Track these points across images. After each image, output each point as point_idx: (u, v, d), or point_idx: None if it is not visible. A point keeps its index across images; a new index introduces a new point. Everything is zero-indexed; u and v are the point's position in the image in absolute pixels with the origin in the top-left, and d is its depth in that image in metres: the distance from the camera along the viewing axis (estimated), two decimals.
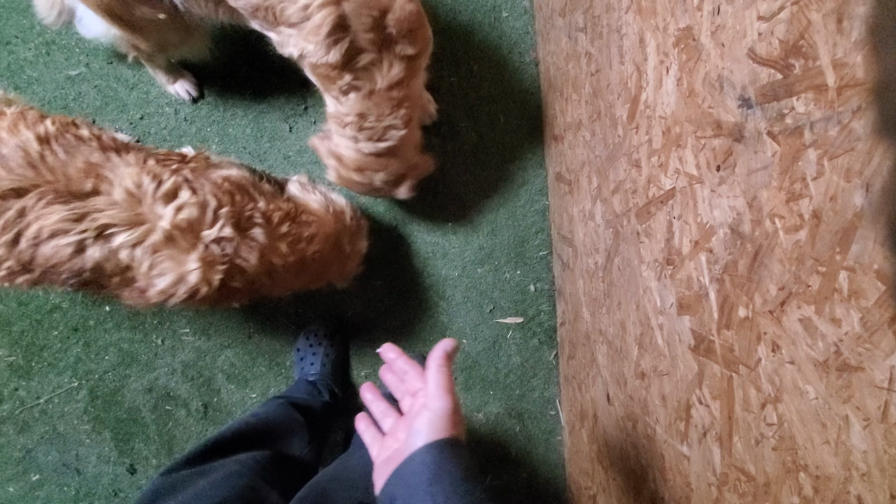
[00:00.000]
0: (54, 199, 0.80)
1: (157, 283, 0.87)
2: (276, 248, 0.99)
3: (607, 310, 1.11)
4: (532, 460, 1.55)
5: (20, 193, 0.80)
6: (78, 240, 0.81)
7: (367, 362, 1.53)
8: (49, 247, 0.81)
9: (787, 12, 0.52)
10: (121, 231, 0.83)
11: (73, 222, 0.81)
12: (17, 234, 0.81)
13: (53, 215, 0.80)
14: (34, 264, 0.83)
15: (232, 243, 0.91)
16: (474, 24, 1.57)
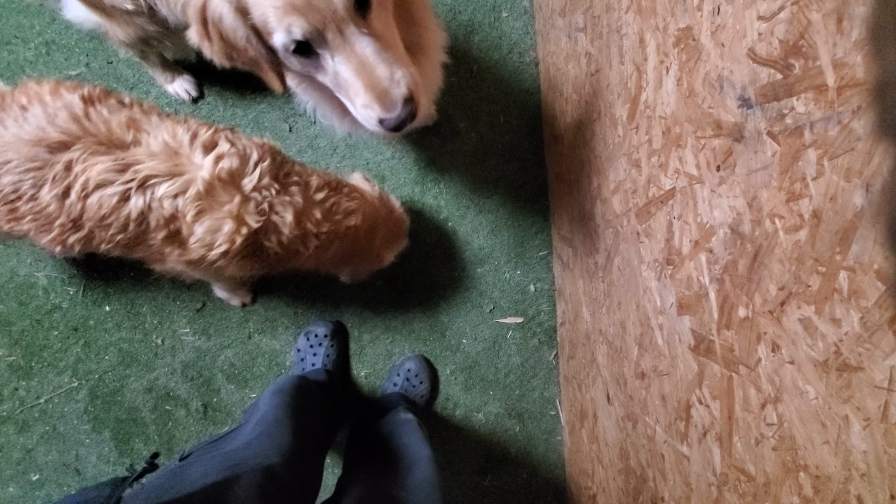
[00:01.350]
0: (98, 151, 0.82)
1: (197, 230, 0.87)
2: (310, 212, 0.98)
3: (607, 310, 1.11)
4: (532, 460, 1.55)
5: (67, 146, 0.82)
6: (122, 189, 0.83)
7: (367, 362, 1.53)
8: (96, 197, 0.83)
9: (787, 12, 0.52)
10: (162, 181, 0.84)
11: (116, 173, 0.83)
12: (67, 188, 0.83)
13: (98, 165, 0.82)
14: (84, 219, 0.85)
15: (270, 194, 0.91)
16: (474, 24, 1.57)
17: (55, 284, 1.46)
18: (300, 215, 0.96)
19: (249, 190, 0.90)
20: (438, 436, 1.53)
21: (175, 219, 0.87)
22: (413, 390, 1.46)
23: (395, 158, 1.55)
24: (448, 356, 1.55)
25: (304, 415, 1.04)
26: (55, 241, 0.89)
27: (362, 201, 1.10)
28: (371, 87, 0.73)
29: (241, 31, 0.73)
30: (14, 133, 0.82)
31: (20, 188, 0.83)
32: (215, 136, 0.90)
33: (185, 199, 0.85)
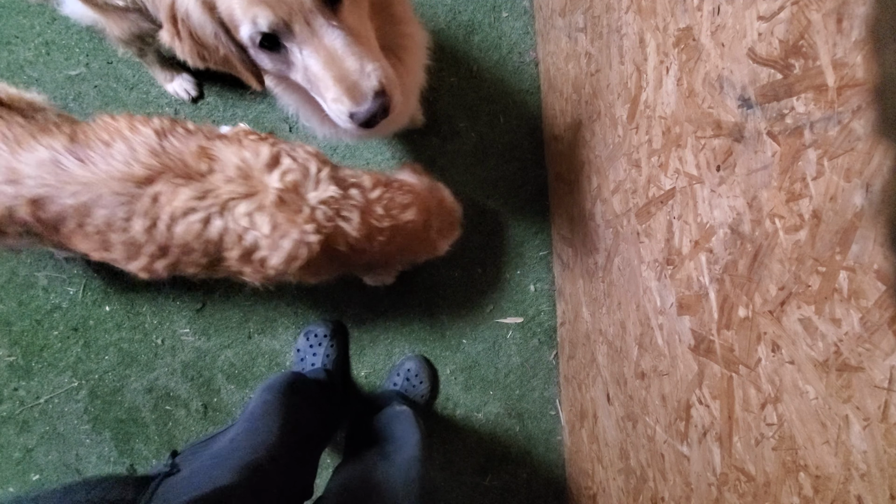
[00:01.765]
0: (179, 182, 0.88)
1: (272, 244, 0.93)
2: (371, 210, 1.02)
3: (607, 310, 1.11)
4: (532, 460, 1.55)
5: (151, 179, 0.88)
6: (205, 215, 0.89)
7: (367, 362, 1.53)
8: (182, 225, 0.89)
9: (787, 12, 0.52)
10: (239, 202, 0.90)
11: (198, 200, 0.89)
12: (155, 218, 0.89)
13: (182, 196, 0.88)
14: (170, 245, 0.91)
15: (335, 199, 0.96)
16: (474, 24, 1.57)
17: (55, 284, 1.46)
18: (364, 215, 1.00)
19: (315, 199, 0.95)
20: (438, 436, 1.53)
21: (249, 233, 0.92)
22: (413, 390, 1.46)
23: (395, 158, 1.55)
24: (448, 356, 1.55)
25: (294, 411, 1.04)
26: (143, 268, 0.95)
27: (414, 195, 1.12)
28: (340, 80, 0.72)
29: (209, 26, 0.72)
30: (104, 170, 0.87)
31: (112, 221, 0.89)
32: (275, 151, 0.95)
33: (260, 215, 0.91)
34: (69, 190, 0.87)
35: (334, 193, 0.96)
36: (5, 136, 0.89)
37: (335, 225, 0.96)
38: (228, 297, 1.50)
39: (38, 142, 0.89)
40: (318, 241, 0.94)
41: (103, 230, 0.90)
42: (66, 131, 0.91)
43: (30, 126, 0.91)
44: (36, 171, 0.87)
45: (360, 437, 1.26)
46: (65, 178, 0.87)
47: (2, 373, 1.46)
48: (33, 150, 0.88)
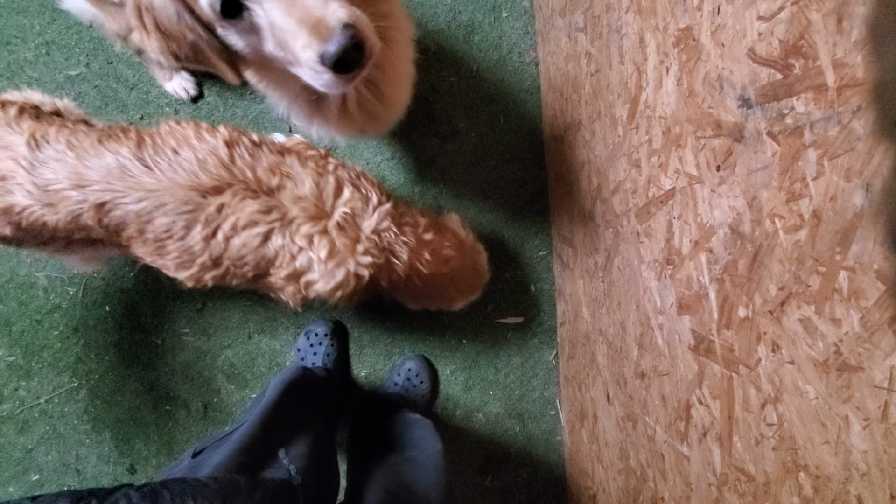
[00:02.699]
0: (247, 195, 0.89)
1: (324, 270, 0.94)
2: (420, 253, 1.03)
3: (607, 310, 1.11)
4: (532, 460, 1.55)
5: (219, 190, 0.88)
6: (266, 230, 0.90)
7: (367, 362, 1.53)
8: (241, 238, 0.90)
9: (787, 12, 0.52)
10: (302, 224, 0.91)
11: (263, 214, 0.90)
12: (216, 229, 0.89)
13: (248, 208, 0.89)
14: (224, 257, 0.92)
15: (389, 236, 0.98)
16: (474, 24, 1.57)
17: (55, 284, 1.46)
18: (412, 256, 1.01)
19: (371, 232, 0.96)
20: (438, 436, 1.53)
21: (303, 253, 0.93)
22: (414, 390, 1.46)
23: (394, 158, 1.55)
24: (448, 356, 1.55)
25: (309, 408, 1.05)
26: (193, 277, 0.96)
27: (457, 249, 1.14)
28: (304, 20, 0.66)
29: (171, 7, 0.69)
30: (170, 177, 0.88)
31: (172, 229, 0.89)
32: (340, 178, 0.96)
33: (320, 239, 0.92)
34: (134, 196, 0.87)
35: (388, 229, 0.97)
36: (72, 144, 0.89)
37: (386, 260, 0.98)
38: (228, 297, 1.50)
39: (106, 147, 0.89)
40: (369, 274, 0.96)
41: (162, 237, 0.90)
42: (132, 137, 0.91)
43: (96, 132, 0.92)
44: (103, 176, 0.87)
45: (364, 438, 1.26)
46: (131, 184, 0.87)
47: (2, 373, 1.46)
48: (100, 155, 0.88)
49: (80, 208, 0.88)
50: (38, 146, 0.89)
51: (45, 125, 0.91)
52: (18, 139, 0.89)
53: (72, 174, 0.88)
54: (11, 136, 0.89)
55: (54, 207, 0.89)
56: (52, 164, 0.88)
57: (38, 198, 0.88)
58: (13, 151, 0.88)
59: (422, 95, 1.55)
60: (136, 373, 1.48)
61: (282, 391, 1.03)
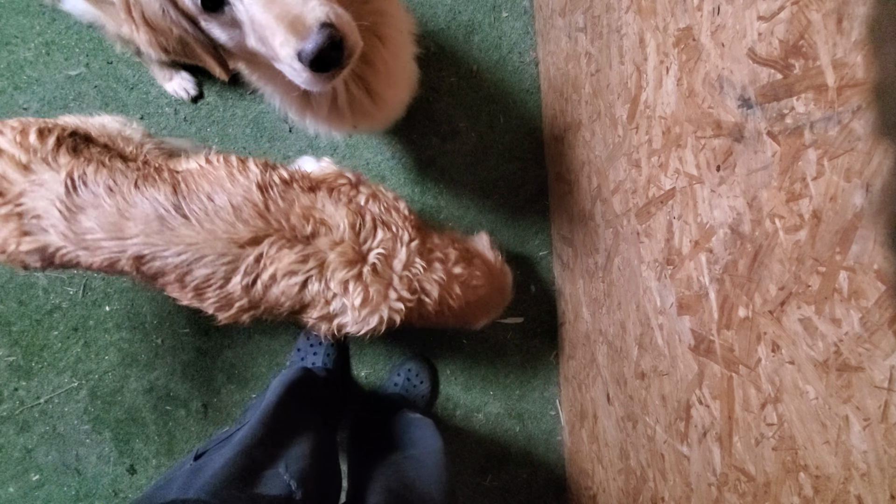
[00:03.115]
0: (284, 245, 0.90)
1: (370, 320, 0.95)
2: (451, 288, 1.03)
3: (607, 310, 1.11)
4: (532, 460, 1.55)
5: (257, 241, 0.89)
6: (304, 279, 0.91)
7: (367, 362, 1.53)
8: (280, 287, 0.91)
9: (787, 12, 0.52)
10: (337, 269, 0.92)
11: (300, 263, 0.90)
12: (255, 278, 0.90)
13: (286, 259, 0.89)
14: (262, 302, 0.93)
15: (419, 272, 0.98)
16: (474, 24, 1.57)
17: (55, 284, 1.46)
18: (443, 291, 1.02)
19: (401, 270, 0.97)
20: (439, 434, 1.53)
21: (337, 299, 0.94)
22: (414, 390, 1.46)
23: (394, 158, 1.55)
24: (448, 356, 1.55)
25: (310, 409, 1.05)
26: (230, 318, 0.96)
27: (486, 276, 1.14)
28: (282, 17, 0.66)
29: (156, 1, 0.69)
30: (208, 229, 0.88)
31: (211, 279, 0.90)
32: (374, 217, 0.97)
33: (355, 285, 0.93)
34: (174, 250, 0.87)
35: (421, 268, 0.98)
36: (110, 189, 0.87)
37: (417, 298, 0.99)
38: None
39: (143, 193, 0.87)
40: (400, 318, 0.97)
41: (200, 286, 0.91)
42: (167, 179, 0.90)
43: (132, 173, 0.90)
44: (142, 229, 0.86)
45: (365, 438, 1.26)
46: (170, 237, 0.87)
47: (2, 373, 1.46)
48: (137, 204, 0.87)
49: (118, 257, 0.88)
50: (75, 189, 0.86)
51: (84, 162, 0.89)
52: (55, 177, 0.86)
53: (110, 224, 0.86)
54: (47, 172, 0.87)
55: (91, 252, 0.88)
56: (89, 210, 0.86)
57: (73, 242, 0.87)
58: (50, 191, 0.86)
59: (422, 95, 1.55)
60: (136, 373, 1.48)
61: (283, 392, 1.03)
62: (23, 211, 0.87)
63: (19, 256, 0.89)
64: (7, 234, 0.87)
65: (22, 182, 0.87)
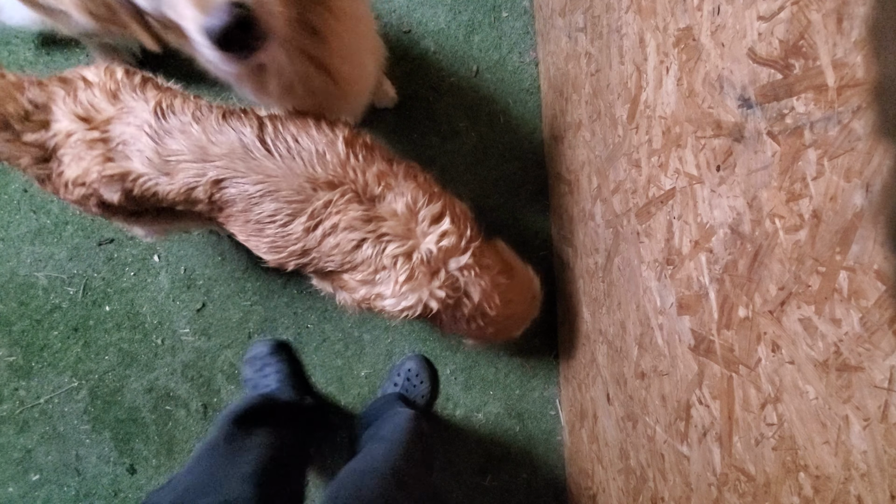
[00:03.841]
0: (353, 198, 0.91)
1: (398, 292, 0.95)
2: (491, 297, 1.02)
3: (607, 310, 1.11)
4: (532, 460, 1.55)
5: (332, 186, 0.90)
6: (361, 237, 0.92)
7: (367, 362, 1.53)
8: (338, 238, 0.91)
9: (787, 12, 0.52)
10: (393, 240, 0.92)
11: (363, 222, 0.91)
12: (318, 223, 0.91)
13: (351, 212, 0.90)
14: (314, 251, 0.93)
15: (469, 276, 0.98)
16: (474, 24, 1.57)
17: (55, 284, 1.46)
18: (482, 299, 1.01)
19: (455, 269, 0.97)
20: (438, 436, 1.53)
21: (384, 270, 0.94)
22: (413, 390, 1.46)
23: None
24: (448, 356, 1.55)
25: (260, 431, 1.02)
26: (278, 262, 0.97)
27: (522, 293, 1.13)
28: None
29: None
30: (288, 165, 0.89)
31: (277, 215, 0.91)
32: (443, 205, 0.98)
33: (404, 262, 0.93)
34: (253, 178, 0.88)
35: (471, 268, 0.98)
36: (197, 117, 0.89)
37: (458, 298, 0.99)
38: (228, 296, 1.50)
39: (229, 125, 0.89)
40: (436, 307, 0.96)
41: (264, 221, 0.91)
42: (252, 118, 0.91)
43: (218, 109, 0.92)
44: (226, 153, 0.88)
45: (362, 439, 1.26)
46: (252, 165, 0.88)
47: (2, 373, 1.46)
48: (224, 132, 0.89)
49: (198, 181, 0.88)
50: (164, 116, 0.88)
51: (170, 96, 0.91)
52: (143, 106, 0.89)
53: (196, 147, 0.88)
54: (136, 102, 0.89)
55: (171, 178, 0.88)
56: (176, 134, 0.88)
57: (157, 167, 0.88)
58: (138, 118, 0.88)
59: (422, 95, 1.55)
60: (136, 373, 1.48)
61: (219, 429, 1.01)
62: (109, 137, 0.88)
63: (98, 187, 0.90)
64: (91, 160, 0.88)
65: (110, 110, 0.89)
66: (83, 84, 0.90)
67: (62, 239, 1.47)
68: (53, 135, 0.88)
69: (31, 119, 0.88)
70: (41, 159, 0.90)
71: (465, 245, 0.97)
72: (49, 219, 1.47)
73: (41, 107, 0.88)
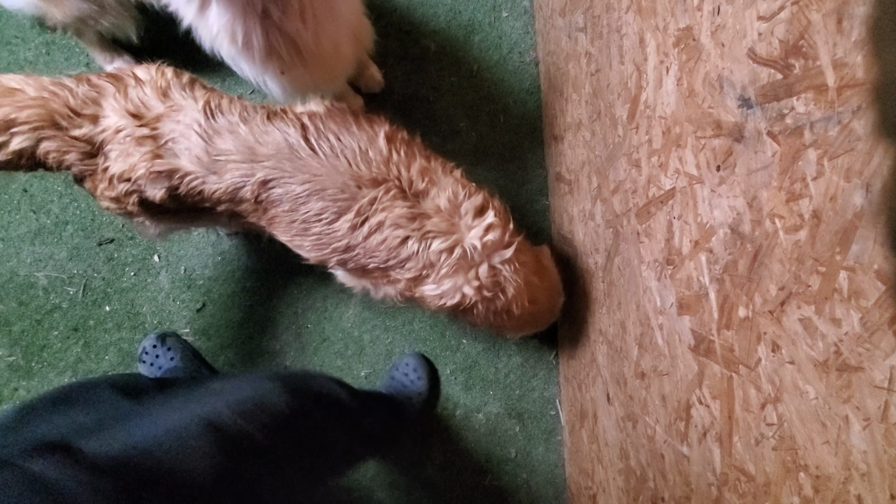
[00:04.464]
0: (398, 195, 0.92)
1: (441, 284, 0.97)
2: (522, 296, 1.03)
3: (607, 310, 1.11)
4: (532, 460, 1.55)
5: (376, 183, 0.91)
6: (406, 234, 0.93)
7: (368, 362, 1.53)
8: (384, 235, 0.93)
9: (787, 12, 0.52)
10: (438, 236, 0.94)
11: (408, 220, 0.93)
12: (364, 220, 0.92)
13: (397, 209, 0.92)
14: (359, 247, 0.95)
15: (508, 270, 0.99)
16: (474, 24, 1.57)
17: (55, 284, 1.46)
18: (516, 296, 1.02)
19: (498, 263, 0.98)
20: (439, 436, 1.53)
21: (430, 266, 0.96)
22: (410, 385, 1.46)
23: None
24: (448, 356, 1.55)
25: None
26: (321, 259, 0.98)
27: (547, 293, 1.14)
28: None
29: None
30: (332, 164, 0.90)
31: (323, 213, 0.92)
32: (485, 198, 1.00)
33: (448, 256, 0.95)
34: (300, 178, 0.89)
35: (511, 262, 0.99)
36: (244, 117, 0.91)
37: (496, 292, 1.00)
38: (228, 296, 1.50)
39: (274, 125, 0.91)
40: (475, 299, 0.98)
41: (310, 219, 0.92)
42: (293, 117, 0.93)
43: (260, 109, 0.94)
44: (273, 153, 0.89)
45: None
46: (299, 165, 0.89)
47: (2, 373, 1.46)
48: (270, 133, 0.90)
49: (245, 181, 0.90)
50: (212, 115, 0.90)
51: (217, 96, 0.93)
52: (193, 105, 0.90)
53: (244, 147, 0.89)
54: (186, 100, 0.91)
55: (219, 177, 0.90)
56: (225, 134, 0.89)
57: (206, 165, 0.89)
58: (188, 116, 0.89)
59: (422, 95, 1.55)
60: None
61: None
62: (159, 134, 0.89)
63: (144, 183, 0.90)
64: (139, 156, 0.89)
65: (160, 107, 0.90)
66: (134, 81, 0.91)
67: (62, 239, 1.47)
68: (102, 130, 0.89)
69: (80, 114, 0.88)
70: (88, 154, 0.90)
71: (507, 240, 0.99)
72: (49, 219, 1.47)
73: (91, 102, 0.89)
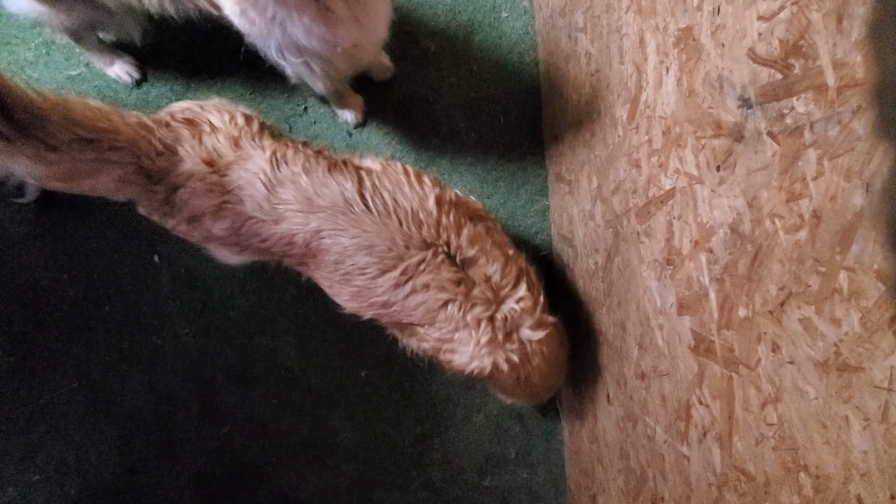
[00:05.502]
0: (445, 259, 0.96)
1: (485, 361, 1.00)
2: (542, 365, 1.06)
3: (607, 310, 1.11)
4: (532, 460, 1.55)
5: (425, 247, 0.96)
6: (448, 298, 0.97)
7: (368, 362, 1.53)
8: (426, 295, 0.96)
9: (787, 12, 0.52)
10: (478, 305, 0.98)
11: (454, 284, 0.96)
12: (408, 280, 0.96)
13: (444, 273, 0.96)
14: (399, 304, 0.98)
15: (530, 345, 1.03)
16: (474, 24, 1.57)
17: (56, 285, 1.46)
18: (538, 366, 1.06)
19: (528, 335, 1.02)
20: (439, 436, 1.53)
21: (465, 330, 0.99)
22: None
23: (395, 158, 1.55)
24: None
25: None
26: (357, 310, 1.02)
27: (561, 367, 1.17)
28: None
29: None
30: (384, 222, 0.95)
31: (368, 268, 0.96)
32: (521, 269, 1.03)
33: (483, 326, 0.98)
34: (351, 233, 0.94)
35: (531, 337, 1.02)
36: (307, 169, 0.96)
37: (524, 361, 1.03)
38: (228, 297, 1.50)
39: (333, 178, 0.96)
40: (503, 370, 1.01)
41: (353, 273, 0.97)
42: (352, 172, 0.98)
43: (323, 160, 0.99)
44: (329, 205, 0.94)
45: None
46: (352, 220, 0.94)
47: (2, 373, 1.46)
48: (329, 186, 0.95)
49: (300, 229, 0.95)
50: (278, 165, 0.95)
51: (283, 146, 0.99)
52: (261, 154, 0.96)
53: (303, 198, 0.94)
54: (254, 150, 0.97)
55: (277, 223, 0.95)
56: (287, 184, 0.95)
57: (266, 212, 0.95)
58: (255, 165, 0.95)
59: (422, 95, 1.55)
60: (136, 373, 1.48)
61: None
62: (228, 181, 0.95)
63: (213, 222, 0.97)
64: (209, 200, 0.95)
65: (231, 155, 0.96)
66: (209, 128, 0.97)
67: (63, 238, 1.47)
68: (178, 174, 0.95)
69: (160, 157, 0.94)
70: (164, 202, 0.97)
71: (539, 313, 1.02)
72: (49, 218, 1.47)
73: (169, 148, 0.95)
